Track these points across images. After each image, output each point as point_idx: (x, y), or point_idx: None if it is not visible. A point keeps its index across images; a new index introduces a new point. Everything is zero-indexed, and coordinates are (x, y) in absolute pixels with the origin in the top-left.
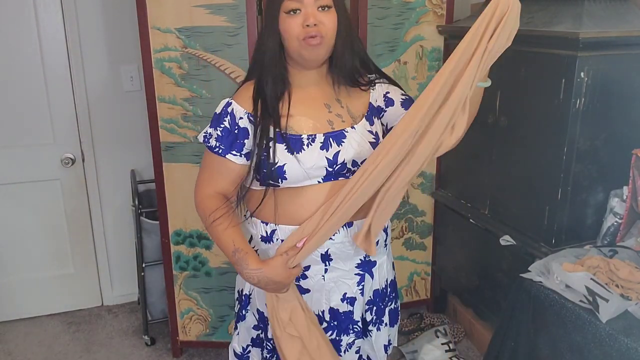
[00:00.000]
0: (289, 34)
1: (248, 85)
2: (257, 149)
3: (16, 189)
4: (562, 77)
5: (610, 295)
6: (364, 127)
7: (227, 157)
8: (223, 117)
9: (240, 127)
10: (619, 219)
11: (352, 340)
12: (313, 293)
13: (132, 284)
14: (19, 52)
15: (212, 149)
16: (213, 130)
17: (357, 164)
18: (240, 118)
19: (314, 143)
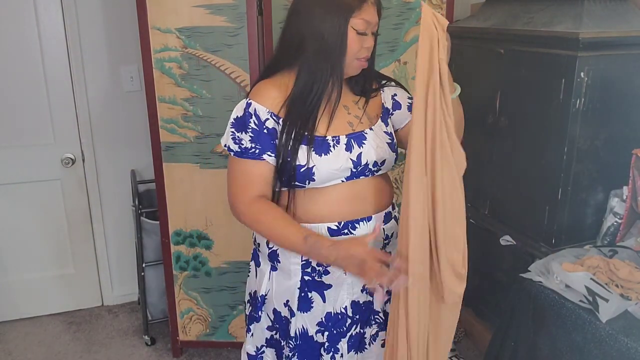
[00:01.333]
0: (353, 51)
1: (265, 85)
2: (283, 151)
3: (16, 189)
4: (562, 77)
5: (610, 295)
6: (380, 128)
7: (263, 158)
8: (248, 119)
9: (269, 127)
10: (619, 219)
11: (376, 332)
12: (335, 288)
13: (132, 284)
14: (19, 52)
15: (247, 151)
16: (243, 134)
17: (377, 165)
18: (266, 119)
19: (338, 145)
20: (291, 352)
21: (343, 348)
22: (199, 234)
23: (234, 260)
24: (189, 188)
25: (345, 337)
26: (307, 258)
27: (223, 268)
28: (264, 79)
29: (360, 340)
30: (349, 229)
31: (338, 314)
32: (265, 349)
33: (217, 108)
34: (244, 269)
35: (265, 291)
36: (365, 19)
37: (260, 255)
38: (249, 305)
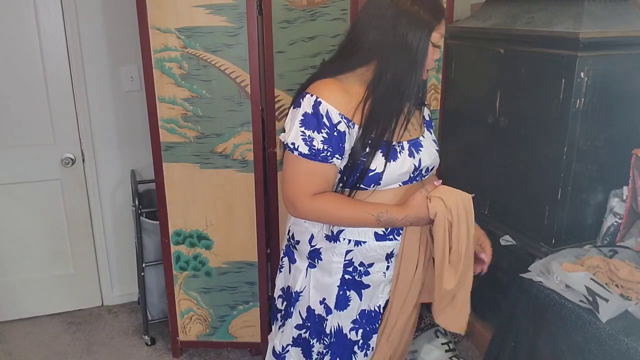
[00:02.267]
0: (428, 62)
1: (333, 85)
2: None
3: (16, 189)
4: (562, 77)
5: (610, 295)
6: (429, 136)
7: (332, 161)
8: (319, 119)
9: (340, 131)
10: (619, 219)
11: None
12: (373, 288)
13: (132, 284)
14: (19, 52)
15: (318, 153)
16: (315, 134)
17: (428, 170)
18: (338, 122)
19: (403, 151)
20: (325, 350)
21: (375, 343)
22: (199, 234)
23: (234, 260)
24: (189, 188)
25: (377, 332)
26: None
27: (223, 268)
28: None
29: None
30: (394, 235)
31: (372, 312)
32: (290, 348)
33: (217, 108)
34: (244, 269)
35: (301, 288)
36: (442, 33)
37: (296, 252)
38: (282, 301)
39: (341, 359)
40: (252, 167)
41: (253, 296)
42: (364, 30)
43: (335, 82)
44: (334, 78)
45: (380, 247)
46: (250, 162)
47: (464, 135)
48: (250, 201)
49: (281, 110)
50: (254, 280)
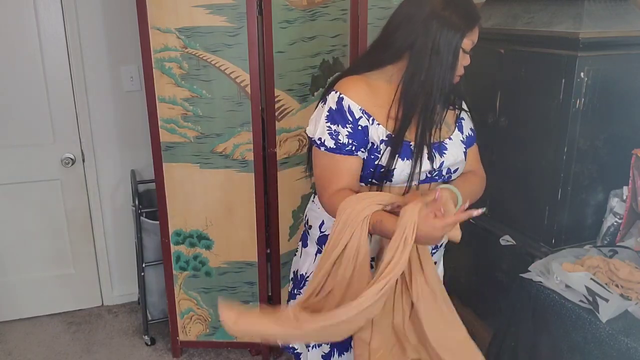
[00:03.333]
0: (458, 68)
1: (357, 81)
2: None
3: (16, 189)
4: (562, 77)
5: (610, 295)
6: (457, 136)
7: (357, 155)
8: (342, 114)
9: (362, 125)
10: (619, 219)
11: None
12: None
13: (132, 284)
14: (19, 52)
15: (343, 147)
16: (340, 128)
17: (450, 171)
18: (360, 117)
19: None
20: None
21: None
22: (199, 234)
23: (234, 260)
24: (189, 188)
25: None
26: None
27: (223, 268)
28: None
29: None
30: None
31: None
32: None
33: (217, 108)
34: (244, 269)
35: (308, 272)
36: (473, 40)
37: (309, 237)
38: (291, 283)
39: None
40: (252, 167)
41: (253, 296)
42: (396, 30)
43: (361, 78)
44: (361, 75)
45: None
46: (250, 162)
47: None
48: (250, 201)
49: (281, 110)
50: (254, 280)
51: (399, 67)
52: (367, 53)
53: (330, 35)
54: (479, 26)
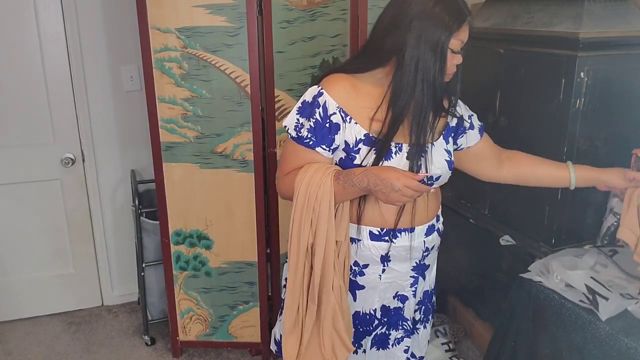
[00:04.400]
0: (448, 69)
1: (341, 79)
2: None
3: (16, 189)
4: (562, 77)
5: (610, 294)
6: (441, 145)
7: (316, 150)
8: (314, 108)
9: (333, 122)
10: (618, 219)
11: (401, 337)
12: (367, 290)
13: (132, 284)
14: (19, 52)
15: (302, 139)
16: (305, 121)
17: (432, 179)
18: (333, 113)
19: (400, 152)
20: None
21: (366, 345)
22: (199, 234)
23: (234, 260)
24: (189, 188)
25: (371, 335)
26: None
27: (223, 268)
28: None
29: (384, 340)
30: (390, 237)
31: (366, 314)
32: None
33: (217, 108)
34: (244, 269)
35: None
36: (462, 39)
37: None
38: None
39: None
40: (252, 167)
41: (253, 296)
42: (383, 34)
43: (347, 77)
44: (350, 74)
45: (374, 247)
46: (250, 162)
47: None
48: (250, 201)
49: (281, 110)
50: (254, 280)
51: (388, 70)
52: (356, 57)
53: (330, 35)
54: (469, 24)
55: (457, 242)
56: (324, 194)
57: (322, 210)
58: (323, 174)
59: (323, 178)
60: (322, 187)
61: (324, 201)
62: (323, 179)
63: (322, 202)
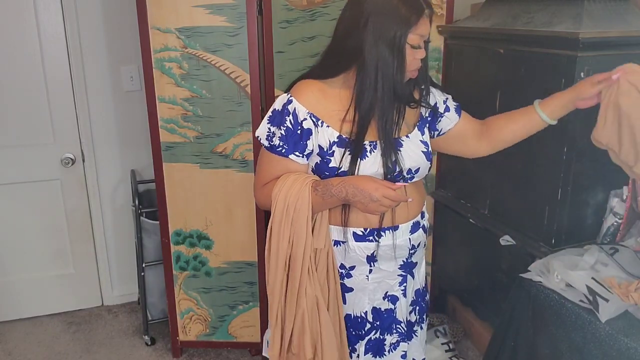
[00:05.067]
0: (409, 65)
1: (309, 85)
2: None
3: (16, 189)
4: (562, 77)
5: (611, 296)
6: (416, 136)
7: (289, 158)
8: (284, 116)
9: (304, 128)
10: (618, 219)
11: (396, 341)
12: (356, 292)
13: (132, 284)
14: (19, 52)
15: (275, 148)
16: (276, 129)
17: (411, 172)
18: (304, 119)
19: (375, 150)
20: None
21: (360, 350)
22: (199, 234)
23: (234, 260)
24: (189, 188)
25: (364, 339)
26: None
27: (223, 268)
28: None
29: (379, 346)
30: (374, 236)
31: (357, 317)
32: None
33: (217, 108)
34: (244, 269)
35: None
36: (421, 33)
37: None
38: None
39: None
40: (252, 167)
41: (253, 296)
42: (344, 33)
43: (315, 83)
44: (318, 80)
45: (359, 248)
46: (250, 162)
47: None
48: (250, 201)
49: None
50: (254, 280)
51: (353, 71)
52: (322, 61)
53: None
54: (429, 17)
55: (457, 242)
56: (302, 205)
57: (301, 221)
58: (301, 185)
59: (301, 189)
60: (300, 199)
61: (302, 212)
62: (301, 190)
63: (300, 212)
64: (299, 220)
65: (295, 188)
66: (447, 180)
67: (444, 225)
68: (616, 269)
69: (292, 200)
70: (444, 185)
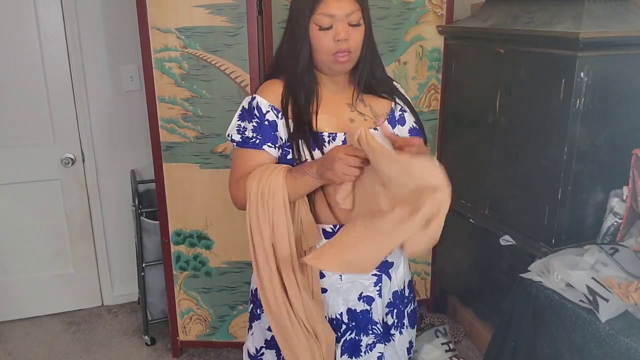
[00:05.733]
0: (321, 48)
1: (272, 82)
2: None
3: (16, 189)
4: (562, 77)
5: (611, 296)
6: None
7: (263, 149)
8: (250, 111)
9: (269, 120)
10: (618, 219)
11: (373, 342)
12: (330, 293)
13: (132, 284)
14: (19, 52)
15: (248, 140)
16: (247, 123)
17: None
18: (267, 112)
19: (334, 142)
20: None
21: (336, 352)
22: (199, 234)
23: (234, 260)
24: (189, 188)
25: (340, 342)
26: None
27: (223, 268)
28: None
29: (355, 347)
30: None
31: (333, 319)
32: (265, 351)
33: (217, 108)
34: (244, 269)
35: None
36: (327, 12)
37: None
38: (251, 303)
39: None
40: None
41: None
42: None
43: (277, 82)
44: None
45: None
46: None
47: (464, 135)
48: None
49: None
50: None
51: None
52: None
53: None
54: None
55: (457, 242)
56: (276, 186)
57: (277, 203)
58: (274, 169)
59: (274, 172)
60: (273, 181)
61: (277, 193)
62: (274, 173)
63: (275, 193)
64: (276, 204)
65: (267, 173)
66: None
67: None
68: (616, 269)
69: (265, 183)
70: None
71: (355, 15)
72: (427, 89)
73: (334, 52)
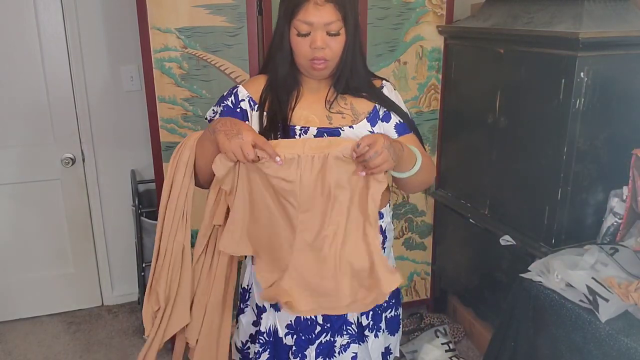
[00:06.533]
0: (298, 52)
1: (258, 77)
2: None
3: (16, 189)
4: (562, 77)
5: (611, 296)
6: (364, 127)
7: None
8: (227, 97)
9: (242, 108)
10: (618, 219)
11: (347, 343)
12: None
13: (132, 284)
14: (19, 52)
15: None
16: (217, 107)
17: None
18: (242, 100)
19: (305, 135)
20: (261, 348)
21: (311, 355)
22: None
23: None
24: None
25: (314, 344)
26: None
27: None
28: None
29: (329, 348)
30: None
31: (307, 320)
32: (250, 345)
33: None
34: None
35: (248, 284)
36: (305, 20)
37: None
38: (238, 298)
39: None
40: None
41: None
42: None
43: (261, 76)
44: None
45: None
46: None
47: (463, 135)
48: None
49: None
50: None
51: None
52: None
53: None
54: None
55: (457, 242)
56: (184, 149)
57: (180, 165)
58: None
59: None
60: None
61: (183, 155)
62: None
63: (182, 156)
64: (180, 164)
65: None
66: (447, 180)
67: (444, 225)
68: (616, 269)
69: (178, 147)
70: (444, 185)
71: (335, 25)
72: (427, 89)
73: (311, 59)
